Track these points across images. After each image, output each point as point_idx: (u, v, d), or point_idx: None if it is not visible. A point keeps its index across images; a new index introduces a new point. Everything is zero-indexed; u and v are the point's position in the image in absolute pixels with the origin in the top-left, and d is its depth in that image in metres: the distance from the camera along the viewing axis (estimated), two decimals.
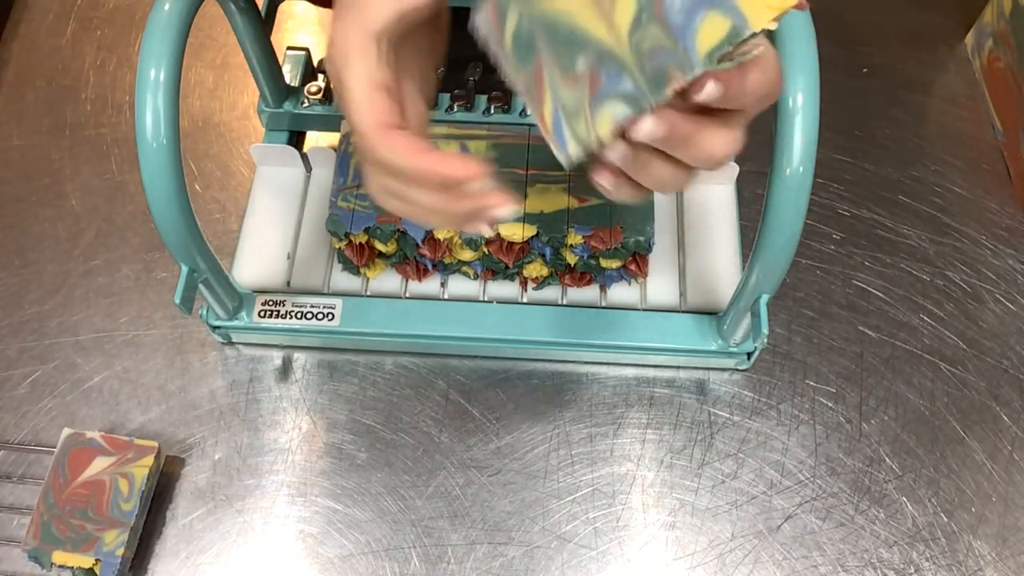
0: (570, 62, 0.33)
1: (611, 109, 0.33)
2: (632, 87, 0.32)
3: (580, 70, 0.33)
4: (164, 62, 0.46)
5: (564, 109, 0.34)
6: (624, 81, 0.32)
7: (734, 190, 0.69)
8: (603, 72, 0.33)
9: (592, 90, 0.33)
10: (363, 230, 0.61)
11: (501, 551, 0.58)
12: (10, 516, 0.59)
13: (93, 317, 0.67)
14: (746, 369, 0.64)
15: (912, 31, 0.81)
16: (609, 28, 0.32)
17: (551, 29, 0.33)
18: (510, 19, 0.35)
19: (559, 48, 0.34)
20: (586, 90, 0.33)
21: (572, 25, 0.33)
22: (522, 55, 0.35)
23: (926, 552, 0.58)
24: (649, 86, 0.32)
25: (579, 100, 0.34)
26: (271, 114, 0.72)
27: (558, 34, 0.33)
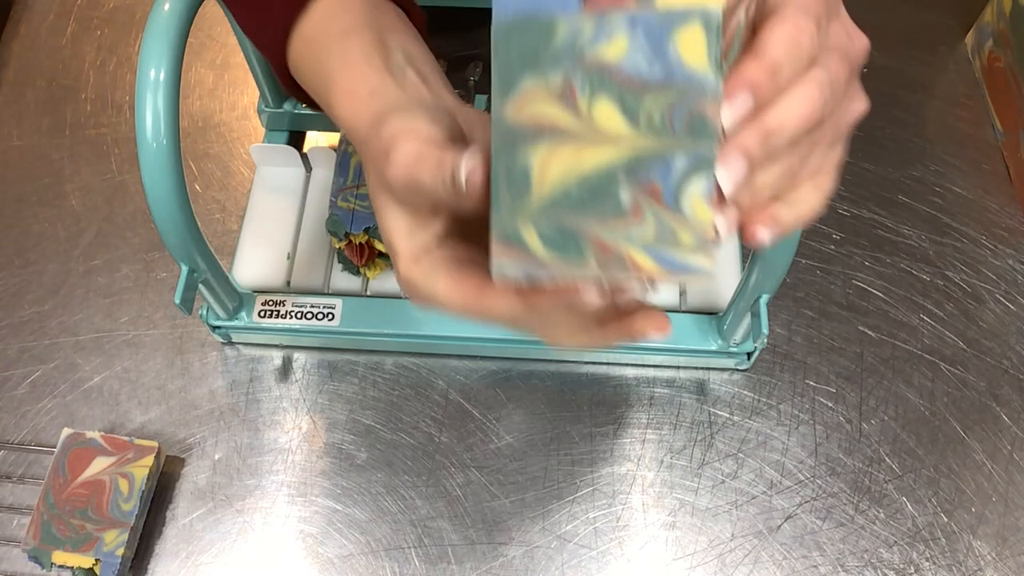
0: (617, 205, 0.29)
1: (694, 192, 0.29)
2: (686, 158, 0.29)
3: (632, 200, 0.29)
4: (164, 62, 0.46)
5: (658, 241, 0.30)
6: (676, 162, 0.29)
7: None
8: (652, 176, 0.29)
9: (659, 200, 0.29)
10: (363, 230, 0.61)
11: (501, 551, 0.58)
12: (10, 516, 0.59)
13: (93, 317, 0.67)
14: (746, 369, 0.64)
15: (912, 31, 0.81)
16: (615, 144, 0.29)
17: (575, 204, 0.29)
18: (529, 237, 0.30)
19: (597, 207, 0.29)
20: (655, 206, 0.29)
21: (587, 179, 0.29)
22: (573, 249, 0.30)
23: (926, 552, 0.58)
24: (697, 139, 0.28)
25: (659, 220, 0.29)
26: (271, 114, 0.72)
27: (584, 200, 0.29)
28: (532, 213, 0.30)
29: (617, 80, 0.28)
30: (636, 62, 0.28)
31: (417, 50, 0.43)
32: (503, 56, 0.29)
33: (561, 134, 0.29)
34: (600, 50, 0.28)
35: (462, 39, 0.78)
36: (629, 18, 0.28)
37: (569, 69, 0.28)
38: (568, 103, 0.28)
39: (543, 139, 0.29)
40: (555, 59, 0.28)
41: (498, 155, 0.29)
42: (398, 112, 0.37)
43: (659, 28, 0.28)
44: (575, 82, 0.28)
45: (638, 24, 0.28)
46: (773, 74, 0.29)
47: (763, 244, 0.32)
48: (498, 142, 0.29)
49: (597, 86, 0.28)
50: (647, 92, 0.28)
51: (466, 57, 0.72)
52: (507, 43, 0.28)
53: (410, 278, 0.36)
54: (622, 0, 0.28)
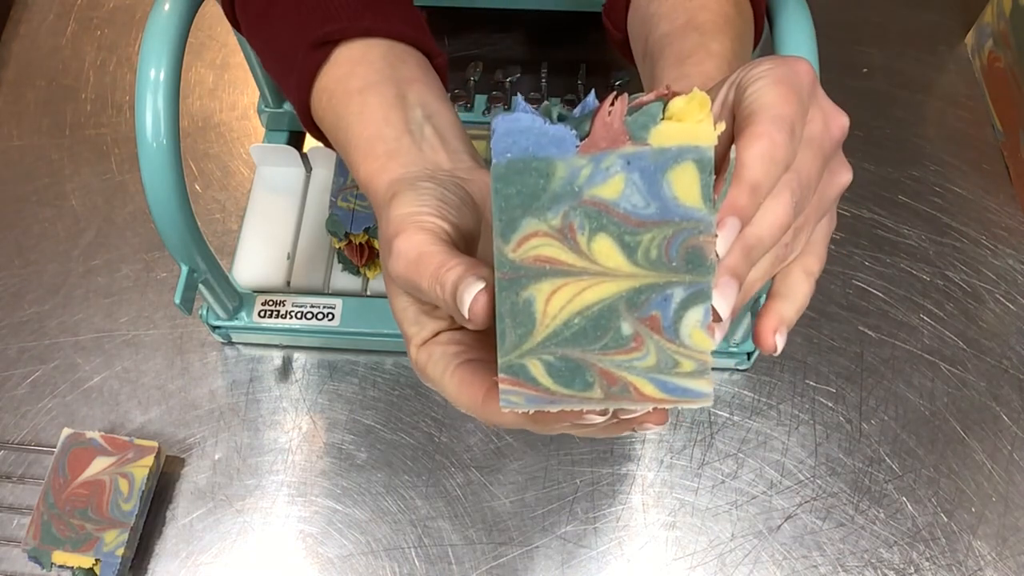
0: (619, 336, 0.30)
1: (692, 322, 0.30)
2: (683, 290, 0.30)
3: (633, 331, 0.30)
4: (164, 62, 0.46)
5: (660, 370, 0.31)
6: (674, 294, 0.30)
7: None
8: (652, 308, 0.30)
9: (660, 331, 0.30)
10: (363, 230, 0.61)
11: (501, 551, 0.58)
12: (10, 516, 0.59)
13: (93, 317, 0.67)
14: (746, 369, 0.64)
15: (912, 31, 0.81)
16: (615, 278, 0.30)
17: (578, 336, 0.31)
18: (535, 369, 0.31)
19: (599, 339, 0.31)
20: (655, 337, 0.30)
21: (589, 313, 0.30)
22: (579, 379, 0.31)
23: (926, 552, 0.58)
24: (694, 271, 0.29)
25: (660, 350, 0.30)
26: (271, 114, 0.72)
27: (586, 333, 0.30)
28: (537, 347, 0.30)
29: (615, 218, 0.29)
30: (633, 201, 0.29)
31: (436, 103, 0.43)
32: (503, 197, 0.29)
33: (563, 271, 0.30)
34: (597, 190, 0.29)
35: (462, 39, 0.78)
36: (625, 158, 0.28)
37: (568, 209, 0.29)
38: (568, 241, 0.29)
39: (545, 276, 0.30)
40: (554, 199, 0.29)
41: (502, 292, 0.30)
42: (408, 192, 0.36)
43: (654, 168, 0.28)
44: (574, 221, 0.29)
45: (633, 164, 0.28)
46: (754, 194, 0.30)
47: (778, 349, 0.33)
48: (501, 279, 0.30)
49: (596, 224, 0.29)
50: (644, 229, 0.29)
51: (466, 57, 0.72)
52: (507, 184, 0.29)
53: (418, 363, 0.36)
54: (618, 141, 0.28)
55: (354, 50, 0.43)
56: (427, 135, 0.41)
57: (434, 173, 0.38)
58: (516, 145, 0.29)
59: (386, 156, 0.40)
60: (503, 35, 0.79)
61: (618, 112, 0.29)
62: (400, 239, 0.34)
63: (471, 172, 0.40)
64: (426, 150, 0.40)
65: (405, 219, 0.35)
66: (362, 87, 0.42)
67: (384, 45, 0.43)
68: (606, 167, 0.29)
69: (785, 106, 0.30)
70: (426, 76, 0.44)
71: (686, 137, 0.28)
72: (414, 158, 0.40)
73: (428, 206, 0.35)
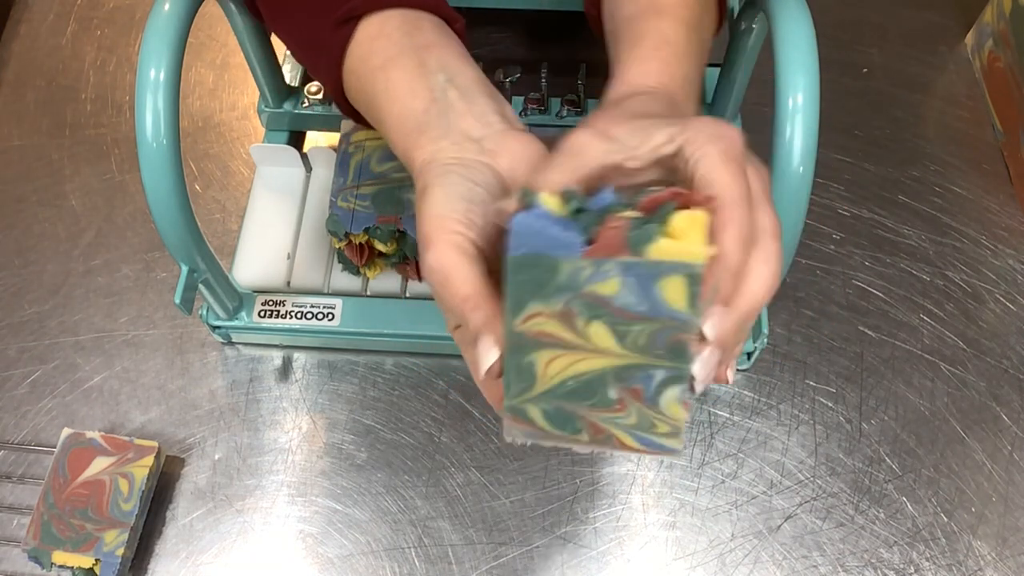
0: (606, 399, 0.35)
1: (669, 397, 0.35)
2: (665, 372, 0.34)
3: (618, 396, 0.35)
4: (164, 62, 0.46)
5: (639, 428, 0.36)
6: (656, 374, 0.34)
7: None
8: (636, 382, 0.34)
9: (641, 400, 0.35)
10: (363, 230, 0.61)
11: (501, 551, 0.58)
12: (10, 516, 0.59)
13: (93, 317, 0.67)
14: (746, 369, 0.64)
15: (912, 31, 0.81)
16: (606, 356, 0.34)
17: (571, 394, 0.35)
18: (534, 413, 0.36)
19: (589, 399, 0.35)
20: (637, 403, 0.35)
21: (581, 378, 0.35)
22: (570, 426, 0.37)
23: (926, 552, 0.58)
24: (675, 360, 0.34)
25: (640, 413, 0.35)
26: (271, 114, 0.72)
27: (578, 393, 0.35)
28: (536, 398, 0.36)
29: (610, 310, 0.33)
30: (626, 299, 0.33)
31: (457, 63, 0.43)
32: (515, 282, 0.33)
33: (561, 344, 0.34)
34: (596, 287, 0.33)
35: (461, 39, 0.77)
36: (623, 266, 0.32)
37: (570, 298, 0.33)
38: (568, 323, 0.34)
39: (546, 346, 0.34)
40: (558, 290, 0.33)
41: (510, 353, 0.35)
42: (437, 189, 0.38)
43: (647, 276, 0.32)
44: (574, 308, 0.33)
45: (630, 271, 0.32)
46: (735, 275, 0.34)
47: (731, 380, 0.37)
48: (509, 344, 0.35)
49: (593, 312, 0.33)
50: (635, 321, 0.33)
51: None
52: (519, 272, 0.33)
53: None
54: (617, 252, 0.32)
55: (372, 26, 0.44)
56: (452, 99, 0.42)
57: (462, 156, 0.40)
58: (529, 243, 0.33)
59: (416, 132, 0.41)
60: (503, 35, 0.79)
61: (622, 228, 0.32)
62: (431, 254, 0.37)
63: (500, 138, 0.41)
64: (453, 118, 0.41)
65: (436, 225, 0.37)
66: (383, 63, 0.43)
67: (398, 15, 0.44)
68: (605, 270, 0.32)
69: (737, 186, 0.34)
70: (443, 39, 0.44)
71: (680, 255, 0.31)
72: (443, 130, 0.40)
73: (456, 211, 0.37)
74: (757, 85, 0.65)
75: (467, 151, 0.40)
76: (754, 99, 0.69)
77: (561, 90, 0.71)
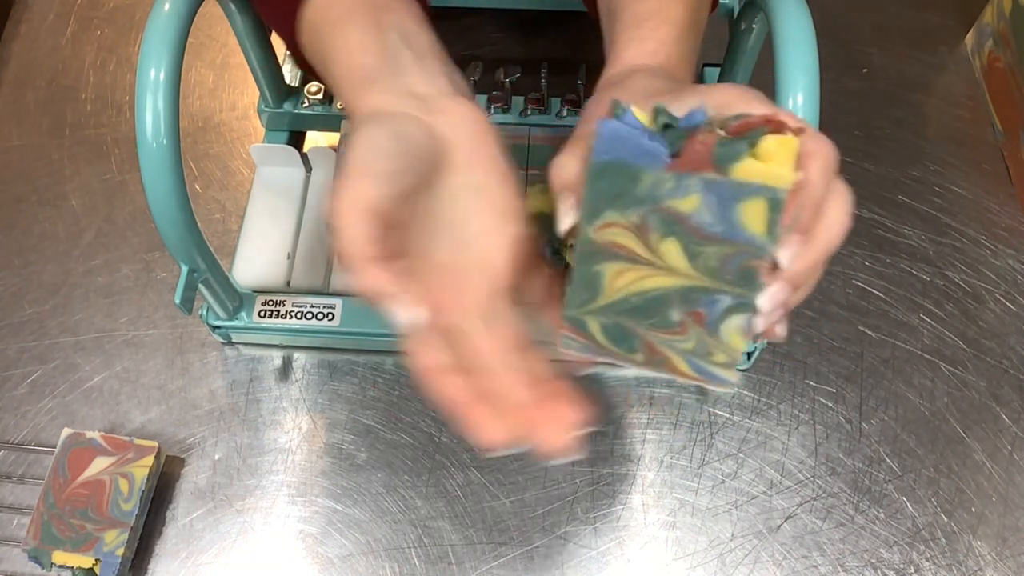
0: (666, 320, 0.35)
1: (732, 326, 0.34)
2: (731, 299, 0.33)
3: (680, 318, 0.35)
4: (164, 62, 0.46)
5: (695, 354, 0.36)
6: (722, 300, 0.34)
7: None
8: (700, 306, 0.34)
9: (703, 325, 0.34)
10: None
11: (501, 551, 0.58)
12: (10, 516, 0.59)
13: (93, 317, 0.67)
14: (746, 369, 0.64)
15: (912, 31, 0.81)
16: (674, 275, 0.34)
17: (632, 311, 0.35)
18: (592, 326, 0.36)
19: (650, 318, 0.35)
20: (698, 328, 0.34)
21: (646, 296, 0.35)
22: (627, 344, 0.37)
23: (926, 552, 0.58)
24: (744, 287, 0.33)
25: (699, 339, 0.35)
26: (271, 114, 0.72)
27: (641, 310, 0.35)
28: (598, 310, 0.36)
29: (686, 227, 0.32)
30: (704, 217, 0.32)
31: (413, 26, 0.43)
32: (593, 188, 0.33)
33: (631, 258, 0.34)
34: (675, 202, 0.32)
35: (462, 39, 0.78)
36: (705, 182, 0.31)
37: (647, 211, 0.33)
38: (641, 236, 0.33)
39: (616, 258, 0.34)
40: (637, 201, 0.33)
41: (579, 261, 0.35)
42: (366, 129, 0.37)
43: (729, 195, 0.31)
44: (650, 222, 0.33)
45: (712, 189, 0.31)
46: (816, 208, 0.34)
47: (784, 336, 0.36)
48: (580, 252, 0.35)
49: (668, 228, 0.33)
50: (709, 242, 0.32)
51: (466, 57, 0.72)
52: (598, 179, 0.33)
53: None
54: (702, 167, 0.31)
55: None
56: (403, 59, 0.41)
57: (405, 111, 0.39)
58: (614, 150, 0.32)
59: (364, 84, 0.41)
60: (503, 35, 0.79)
61: (709, 144, 0.31)
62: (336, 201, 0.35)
63: (446, 101, 0.40)
64: (402, 76, 0.41)
65: (350, 171, 0.36)
66: (340, 17, 0.43)
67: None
68: (687, 185, 0.32)
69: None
70: (404, 3, 0.44)
71: (765, 178, 0.31)
72: (390, 85, 0.40)
73: (376, 160, 0.36)
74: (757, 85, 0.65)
75: (410, 107, 0.39)
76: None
77: (561, 90, 0.71)
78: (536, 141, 0.64)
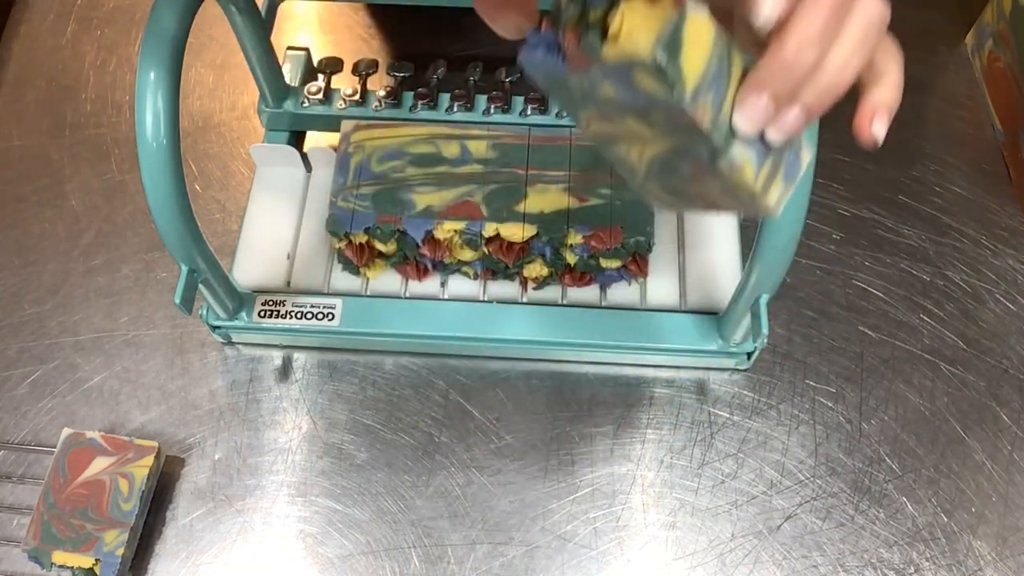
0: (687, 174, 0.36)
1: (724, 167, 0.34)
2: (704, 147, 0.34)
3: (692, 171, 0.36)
4: (164, 62, 0.46)
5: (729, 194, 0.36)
6: (700, 150, 0.34)
7: None
8: (692, 157, 0.35)
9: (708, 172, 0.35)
10: (363, 230, 0.61)
11: (501, 551, 0.58)
12: (10, 516, 0.59)
13: (93, 317, 0.67)
14: (746, 369, 0.64)
15: (912, 31, 0.81)
16: (655, 141, 0.35)
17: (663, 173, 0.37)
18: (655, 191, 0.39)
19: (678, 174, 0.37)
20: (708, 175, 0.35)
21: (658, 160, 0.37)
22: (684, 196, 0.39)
23: (926, 552, 0.58)
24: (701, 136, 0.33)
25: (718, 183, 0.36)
26: (271, 114, 0.72)
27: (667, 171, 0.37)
28: (643, 181, 0.38)
29: (624, 107, 0.34)
30: (624, 95, 0.33)
31: None
32: (559, 99, 0.36)
33: (622, 138, 0.36)
34: (601, 91, 0.34)
35: (462, 39, 0.78)
36: (600, 73, 0.32)
37: (595, 104, 0.35)
38: (611, 121, 0.35)
39: (615, 141, 0.37)
40: (583, 99, 0.35)
41: (603, 150, 0.38)
42: None
43: (620, 76, 0.32)
44: (604, 111, 0.35)
45: (607, 76, 0.33)
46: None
47: (880, 137, 0.35)
48: (599, 145, 0.37)
49: (617, 110, 0.34)
50: (647, 111, 0.33)
51: (466, 57, 0.72)
52: (553, 92, 0.36)
53: None
54: (585, 62, 0.32)
55: None
56: None
57: None
58: (539, 72, 0.34)
59: None
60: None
61: (571, 44, 0.32)
62: None
63: None
64: None
65: None
66: None
67: None
68: (593, 79, 0.33)
69: None
70: None
71: (626, 55, 0.31)
72: None
73: None
74: None
75: None
76: None
77: None
78: (536, 141, 0.64)
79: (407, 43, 0.80)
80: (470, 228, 0.60)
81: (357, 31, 0.81)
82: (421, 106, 0.70)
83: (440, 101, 0.70)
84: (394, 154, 0.63)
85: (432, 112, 0.70)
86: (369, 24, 0.81)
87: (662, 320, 0.62)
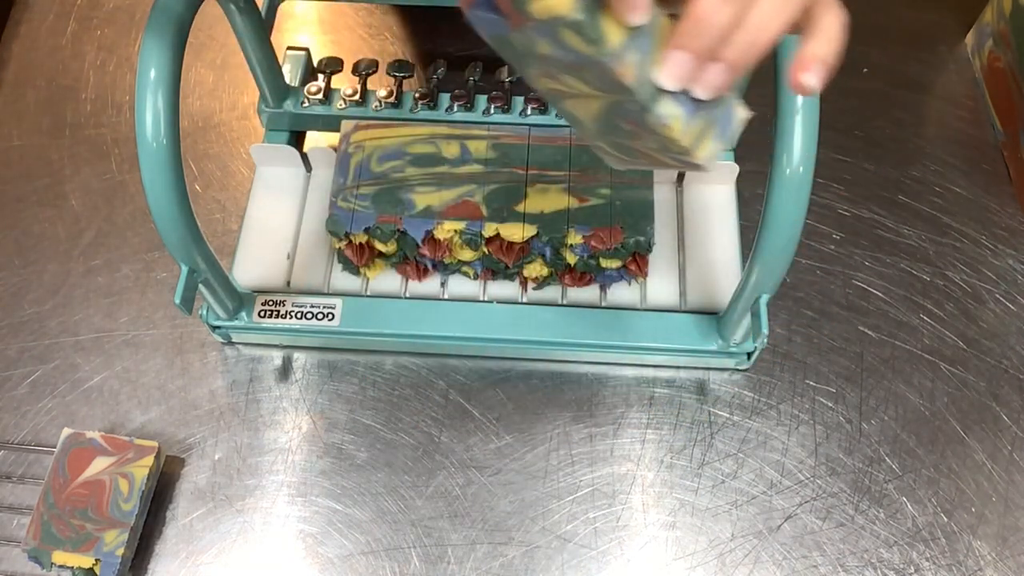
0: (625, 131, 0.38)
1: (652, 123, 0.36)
2: (634, 103, 0.36)
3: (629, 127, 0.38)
4: (164, 62, 0.46)
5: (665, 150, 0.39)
6: (630, 106, 0.36)
7: (734, 190, 0.69)
8: (628, 115, 0.37)
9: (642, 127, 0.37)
10: (363, 230, 0.61)
11: (501, 551, 0.58)
12: (10, 516, 0.59)
13: (93, 317, 0.67)
14: (746, 369, 0.64)
15: (912, 31, 0.81)
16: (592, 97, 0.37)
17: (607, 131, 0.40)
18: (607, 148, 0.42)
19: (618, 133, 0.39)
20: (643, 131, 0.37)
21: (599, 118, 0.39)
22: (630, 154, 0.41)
23: (926, 552, 0.58)
24: (628, 92, 0.35)
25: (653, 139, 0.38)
26: (271, 114, 0.72)
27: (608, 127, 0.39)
28: (593, 137, 0.41)
29: (559, 64, 0.35)
30: (557, 53, 0.35)
31: None
32: (508, 57, 0.37)
33: (568, 94, 0.38)
34: (538, 49, 0.35)
35: (462, 39, 0.78)
36: (533, 29, 0.34)
37: (536, 61, 0.36)
38: (553, 78, 0.37)
39: (563, 97, 0.38)
40: (526, 57, 0.36)
41: (554, 106, 0.42)
42: None
43: (549, 32, 0.33)
44: (545, 68, 0.36)
45: (538, 32, 0.34)
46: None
47: (811, 87, 0.36)
48: (550, 101, 0.40)
49: (554, 67, 0.36)
50: (579, 68, 0.35)
51: (466, 57, 0.72)
52: (501, 50, 0.37)
53: None
54: (520, 19, 0.34)
55: None
56: None
57: None
58: (486, 30, 0.36)
59: None
60: None
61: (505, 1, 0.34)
62: None
63: None
64: None
65: None
66: None
67: None
68: (529, 36, 0.35)
69: None
70: None
71: (551, 11, 0.32)
72: None
73: None
74: (757, 85, 0.65)
75: None
76: (754, 99, 0.68)
77: None
78: (536, 141, 0.64)
79: (407, 43, 0.80)
80: (470, 228, 0.60)
81: (357, 31, 0.81)
82: (421, 106, 0.70)
83: (440, 101, 0.70)
84: (394, 154, 0.63)
85: (432, 112, 0.70)
86: (369, 24, 0.81)
87: (662, 320, 0.62)
